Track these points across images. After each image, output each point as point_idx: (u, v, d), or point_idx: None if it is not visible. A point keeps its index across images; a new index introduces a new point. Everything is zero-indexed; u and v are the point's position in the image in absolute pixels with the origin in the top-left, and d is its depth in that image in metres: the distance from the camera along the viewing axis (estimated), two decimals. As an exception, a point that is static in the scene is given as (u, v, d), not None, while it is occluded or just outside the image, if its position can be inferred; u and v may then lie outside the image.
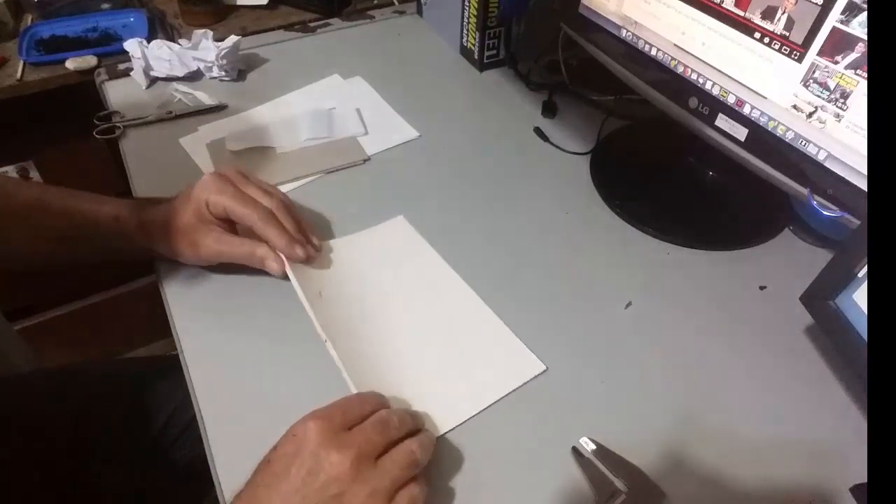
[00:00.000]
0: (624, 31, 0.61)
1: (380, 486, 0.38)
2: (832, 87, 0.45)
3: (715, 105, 0.54)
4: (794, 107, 0.48)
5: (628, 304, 0.57)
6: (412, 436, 0.42)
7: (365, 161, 0.70)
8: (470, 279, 0.58)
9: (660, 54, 0.58)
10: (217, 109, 0.77)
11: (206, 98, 0.77)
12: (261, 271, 0.56)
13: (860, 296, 0.43)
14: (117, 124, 0.72)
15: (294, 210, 0.56)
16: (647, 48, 0.59)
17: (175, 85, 0.79)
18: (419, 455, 0.40)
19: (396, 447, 0.40)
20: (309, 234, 0.57)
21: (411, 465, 0.40)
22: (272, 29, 0.97)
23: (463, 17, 0.84)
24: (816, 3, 0.44)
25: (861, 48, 0.42)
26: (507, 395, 0.49)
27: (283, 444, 0.39)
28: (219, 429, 0.47)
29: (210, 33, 0.80)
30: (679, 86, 0.57)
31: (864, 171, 0.44)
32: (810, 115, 0.47)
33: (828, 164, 0.47)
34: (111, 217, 0.55)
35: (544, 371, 0.51)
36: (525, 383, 0.50)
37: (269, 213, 0.53)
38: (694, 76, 0.55)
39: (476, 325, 0.54)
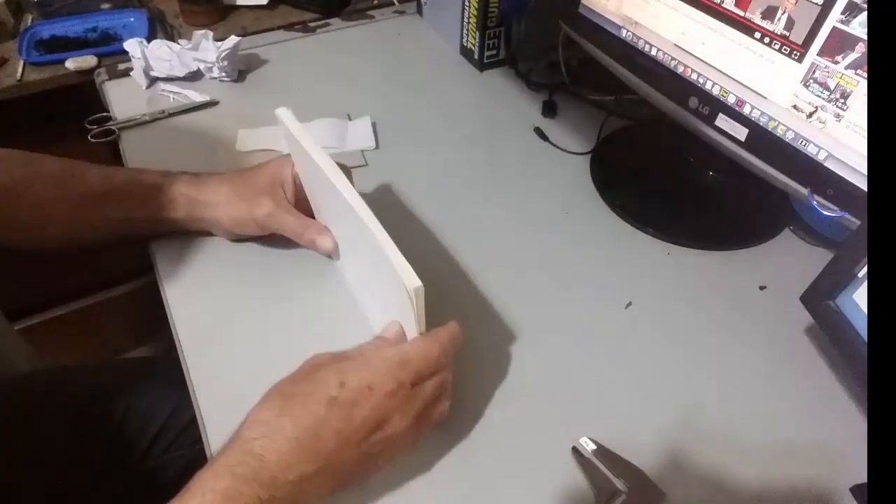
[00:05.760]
0: (624, 31, 0.61)
1: (413, 439, 0.42)
2: (832, 87, 0.45)
3: (715, 105, 0.54)
4: (795, 107, 0.48)
5: (628, 304, 0.57)
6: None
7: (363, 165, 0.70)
8: (470, 276, 0.58)
9: (660, 54, 0.58)
10: (209, 105, 0.77)
11: (196, 96, 0.77)
12: (264, 271, 0.56)
13: (860, 296, 0.43)
14: (111, 127, 0.72)
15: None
16: (647, 48, 0.59)
17: (162, 85, 0.79)
18: (444, 414, 0.44)
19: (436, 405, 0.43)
20: None
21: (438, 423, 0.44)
22: (272, 29, 0.97)
23: (463, 17, 0.84)
24: (816, 3, 0.44)
25: (861, 48, 0.42)
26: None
27: (352, 392, 0.39)
28: (219, 429, 0.47)
29: (210, 34, 0.80)
30: (679, 86, 0.57)
31: (864, 171, 0.44)
32: (810, 115, 0.47)
33: (828, 164, 0.47)
34: (158, 174, 0.56)
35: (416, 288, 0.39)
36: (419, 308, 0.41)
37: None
38: (694, 76, 0.55)
39: (370, 245, 0.42)
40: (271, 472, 0.36)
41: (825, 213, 0.48)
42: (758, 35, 0.48)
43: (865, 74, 0.42)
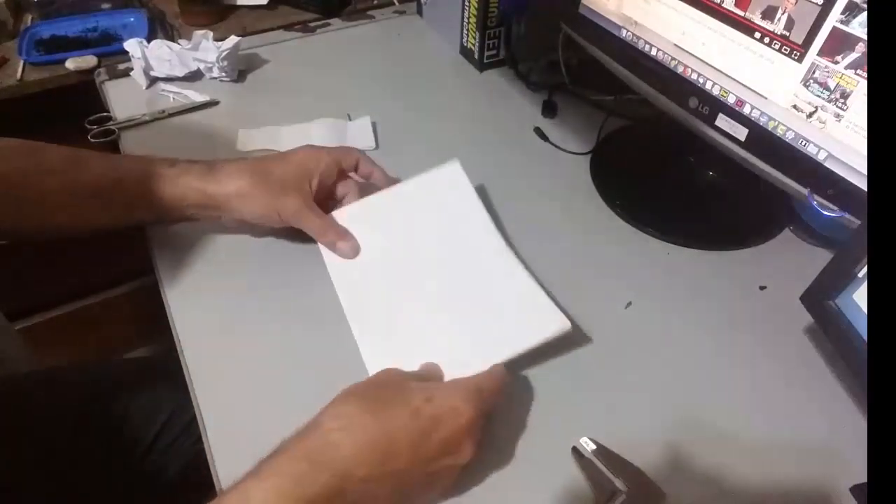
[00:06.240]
0: (624, 31, 0.61)
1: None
2: (832, 87, 0.45)
3: (715, 105, 0.54)
4: (795, 107, 0.48)
5: (628, 304, 0.57)
6: None
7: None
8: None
9: (660, 54, 0.58)
10: (209, 105, 0.77)
11: (196, 96, 0.77)
12: (264, 271, 0.56)
13: (860, 296, 0.43)
14: (111, 127, 0.72)
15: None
16: (647, 48, 0.59)
17: (162, 85, 0.79)
18: None
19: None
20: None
21: None
22: (272, 29, 0.97)
23: (463, 17, 0.84)
24: (816, 3, 0.44)
25: (861, 48, 0.42)
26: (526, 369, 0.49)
27: (437, 409, 0.40)
28: (219, 429, 0.47)
29: (210, 34, 0.80)
30: (679, 86, 0.57)
31: (864, 171, 0.44)
32: (810, 115, 0.47)
33: (828, 164, 0.47)
34: (166, 163, 0.55)
35: (569, 329, 0.49)
36: (547, 341, 0.48)
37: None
38: (694, 76, 0.55)
39: (501, 281, 0.53)
40: (346, 464, 0.36)
41: (825, 213, 0.48)
42: (758, 35, 0.48)
43: (865, 74, 0.42)
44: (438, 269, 0.55)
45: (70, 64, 0.91)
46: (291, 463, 0.36)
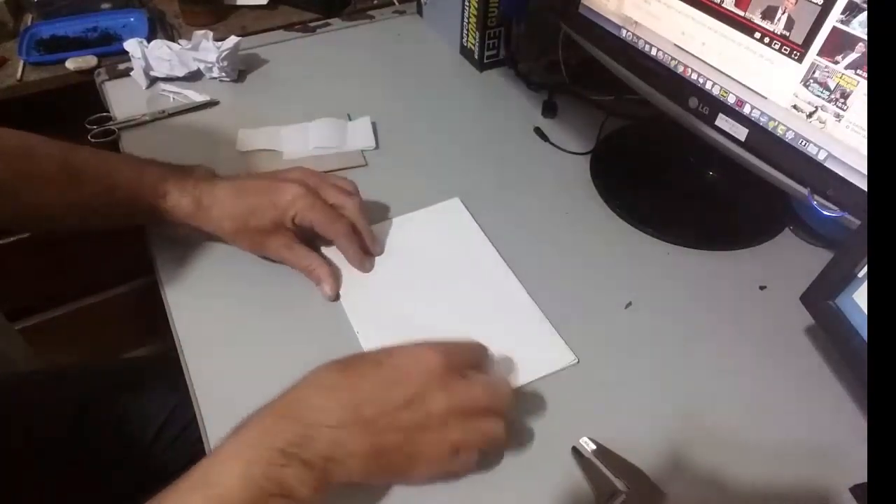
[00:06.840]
0: (624, 31, 0.61)
1: (458, 439, 0.41)
2: (832, 87, 0.45)
3: (715, 105, 0.54)
4: (795, 107, 0.48)
5: (628, 304, 0.57)
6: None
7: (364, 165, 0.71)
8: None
9: (660, 54, 0.58)
10: (209, 105, 0.77)
11: (196, 96, 0.77)
12: (264, 271, 0.56)
13: (860, 296, 0.43)
14: (111, 127, 0.72)
15: (366, 210, 0.58)
16: (647, 48, 0.59)
17: (162, 85, 0.79)
18: (498, 436, 0.42)
19: (486, 417, 0.42)
20: (371, 239, 0.59)
21: (489, 442, 0.42)
22: (272, 29, 0.97)
23: (463, 17, 0.84)
24: (816, 3, 0.44)
25: (861, 48, 0.42)
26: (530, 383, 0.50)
27: (399, 358, 0.42)
28: (219, 429, 0.47)
29: (210, 34, 0.80)
30: (679, 86, 0.57)
31: (864, 171, 0.44)
32: (810, 115, 0.47)
33: (828, 164, 0.47)
34: (158, 194, 0.55)
35: (575, 363, 0.51)
36: (553, 373, 0.51)
37: (350, 230, 0.56)
38: (694, 76, 0.55)
39: (512, 312, 0.55)
40: (313, 413, 0.38)
41: (825, 213, 0.48)
42: (758, 35, 0.48)
43: (865, 74, 0.42)
44: (446, 291, 0.57)
45: (70, 64, 0.91)
46: (260, 419, 0.38)
